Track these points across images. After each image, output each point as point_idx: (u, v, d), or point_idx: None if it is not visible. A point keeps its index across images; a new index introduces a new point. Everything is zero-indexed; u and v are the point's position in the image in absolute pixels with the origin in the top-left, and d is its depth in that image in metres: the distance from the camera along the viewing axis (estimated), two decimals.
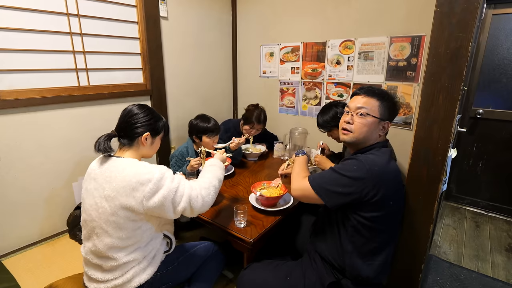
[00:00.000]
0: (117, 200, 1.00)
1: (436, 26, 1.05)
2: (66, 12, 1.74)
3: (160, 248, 1.18)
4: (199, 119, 1.86)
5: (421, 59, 1.87)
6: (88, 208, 1.07)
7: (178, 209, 1.08)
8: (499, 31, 2.31)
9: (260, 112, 2.22)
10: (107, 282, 1.08)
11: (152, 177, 1.01)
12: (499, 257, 1.97)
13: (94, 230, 1.06)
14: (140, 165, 1.05)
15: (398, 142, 2.03)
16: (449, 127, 1.08)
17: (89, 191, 1.08)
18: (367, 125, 1.09)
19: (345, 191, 1.01)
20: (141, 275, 1.10)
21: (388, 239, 1.09)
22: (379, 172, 0.99)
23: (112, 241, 1.03)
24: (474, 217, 2.50)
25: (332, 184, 1.03)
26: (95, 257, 1.08)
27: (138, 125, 1.12)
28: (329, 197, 1.03)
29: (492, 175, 2.52)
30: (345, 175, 1.01)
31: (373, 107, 1.09)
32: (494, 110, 2.43)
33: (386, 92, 1.14)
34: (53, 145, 1.81)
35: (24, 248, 1.78)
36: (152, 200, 1.01)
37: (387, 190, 1.00)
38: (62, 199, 1.91)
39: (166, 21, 2.24)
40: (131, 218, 1.03)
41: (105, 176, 1.04)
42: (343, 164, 1.08)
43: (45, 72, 1.73)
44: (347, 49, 2.19)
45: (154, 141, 1.20)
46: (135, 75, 2.16)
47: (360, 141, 1.12)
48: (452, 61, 1.03)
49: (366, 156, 1.05)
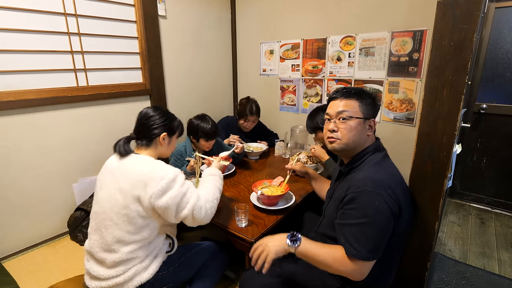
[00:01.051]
0: (130, 193, 1.05)
1: (440, 18, 1.02)
2: (64, 12, 1.72)
3: (162, 248, 1.20)
4: (199, 120, 1.83)
5: (424, 54, 1.84)
6: (101, 200, 1.12)
7: (180, 214, 1.11)
8: (502, 24, 2.27)
9: (252, 103, 2.23)
10: (109, 280, 1.08)
11: (165, 176, 1.06)
12: (505, 254, 1.94)
13: (104, 222, 1.09)
14: (157, 163, 1.12)
15: (401, 139, 2.01)
16: (454, 122, 1.05)
17: (104, 184, 1.14)
18: (354, 128, 1.03)
19: (389, 231, 0.93)
20: (142, 274, 1.11)
21: (399, 250, 1.06)
22: (393, 191, 0.92)
23: (121, 234, 1.07)
24: (479, 214, 2.47)
25: (379, 236, 0.91)
26: (100, 250, 1.10)
27: (155, 126, 1.20)
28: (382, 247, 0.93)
29: (496, 171, 2.48)
30: (379, 220, 0.90)
31: (354, 108, 1.05)
32: (498, 105, 2.40)
33: (363, 90, 1.11)
34: (52, 146, 1.80)
35: (24, 250, 1.77)
36: (160, 200, 1.04)
37: (404, 202, 0.95)
38: (62, 200, 1.89)
39: (164, 20, 2.22)
40: (141, 213, 1.07)
41: (122, 170, 1.11)
42: (359, 210, 0.92)
43: (43, 73, 1.71)
44: (347, 45, 2.17)
45: (171, 141, 1.28)
46: (134, 75, 2.14)
47: (350, 146, 1.05)
48: (456, 53, 1.00)
49: (365, 180, 0.94)
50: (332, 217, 1.03)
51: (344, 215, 0.96)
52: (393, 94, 2.02)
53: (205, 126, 1.79)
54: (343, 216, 0.96)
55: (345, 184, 1.03)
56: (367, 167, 1.01)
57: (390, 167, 1.04)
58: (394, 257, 1.06)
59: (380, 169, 0.99)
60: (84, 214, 1.82)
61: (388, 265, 1.06)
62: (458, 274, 1.72)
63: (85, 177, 1.98)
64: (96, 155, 2.01)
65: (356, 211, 0.92)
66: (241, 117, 2.26)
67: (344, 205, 0.96)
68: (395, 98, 2.02)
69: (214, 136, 1.83)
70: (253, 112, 2.22)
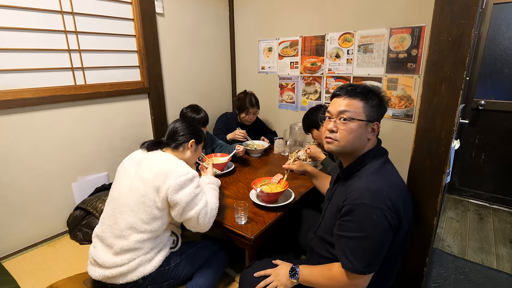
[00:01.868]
0: (151, 183, 1.13)
1: (438, 13, 1.02)
2: (60, 10, 1.71)
3: (167, 243, 1.24)
4: (190, 108, 1.93)
5: (422, 50, 1.84)
6: (121, 188, 1.20)
7: (187, 214, 1.16)
8: (500, 20, 2.27)
9: (251, 96, 2.28)
10: (113, 269, 1.11)
11: (186, 173, 1.16)
12: (503, 249, 1.95)
13: (120, 207, 1.16)
14: (180, 162, 1.24)
15: (400, 135, 2.02)
16: (452, 117, 1.05)
17: (127, 174, 1.22)
18: (354, 131, 0.96)
19: (387, 244, 0.90)
20: (146, 266, 1.14)
21: (400, 257, 1.05)
22: (392, 203, 0.88)
23: (134, 221, 1.13)
24: (478, 210, 2.48)
25: (376, 251, 0.88)
26: (111, 236, 1.15)
27: (185, 133, 1.34)
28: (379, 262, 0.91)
29: (495, 167, 2.49)
30: (376, 235, 0.87)
31: (357, 109, 0.96)
32: (496, 101, 2.40)
33: (370, 89, 1.01)
34: (51, 145, 1.79)
35: (24, 249, 1.77)
36: (176, 194, 1.12)
37: (404, 213, 0.91)
38: (62, 199, 1.89)
39: (162, 18, 2.21)
40: (157, 204, 1.14)
41: (147, 162, 1.20)
42: (356, 223, 0.89)
43: (41, 72, 1.71)
44: (346, 42, 2.16)
45: (197, 148, 1.40)
46: (132, 73, 2.14)
47: (347, 149, 0.99)
48: (454, 48, 1.00)
49: (362, 191, 0.90)
50: (331, 223, 1.01)
51: (342, 227, 0.93)
52: (392, 90, 2.02)
53: (195, 114, 1.89)
54: (340, 228, 0.94)
55: (344, 190, 0.99)
56: (366, 175, 0.95)
57: (390, 174, 0.98)
58: (396, 265, 1.05)
59: (379, 178, 0.94)
60: (83, 213, 1.82)
61: (389, 273, 1.05)
62: (456, 270, 1.73)
63: (85, 176, 1.98)
64: (96, 154, 2.01)
65: (353, 224, 0.90)
66: (242, 111, 2.28)
67: (342, 216, 0.93)
68: (393, 94, 2.02)
69: (206, 123, 1.93)
70: (253, 104, 2.25)
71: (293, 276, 1.03)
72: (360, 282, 0.92)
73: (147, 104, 2.23)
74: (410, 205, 1.01)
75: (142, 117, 2.23)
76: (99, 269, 1.14)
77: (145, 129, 2.27)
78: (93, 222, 1.78)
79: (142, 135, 2.24)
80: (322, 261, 1.06)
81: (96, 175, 2.03)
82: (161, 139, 1.35)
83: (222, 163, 1.83)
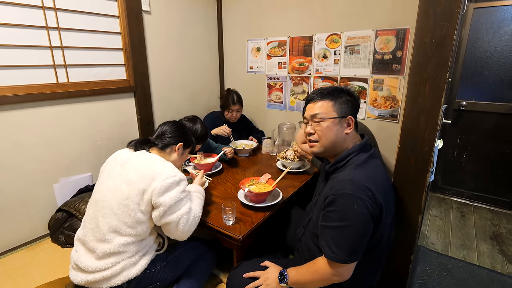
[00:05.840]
0: (136, 185, 1.09)
1: (422, 15, 1.05)
2: (42, 5, 1.65)
3: (152, 246, 1.21)
4: (191, 122, 1.77)
5: (406, 52, 1.88)
6: (104, 189, 1.14)
7: (166, 218, 1.11)
8: (480, 24, 2.36)
9: (233, 93, 2.31)
10: (96, 273, 1.07)
11: (173, 175, 1.12)
12: (484, 245, 2.02)
13: (103, 210, 1.11)
14: (168, 164, 1.19)
15: (385, 135, 2.05)
16: (435, 117, 1.08)
17: (110, 175, 1.17)
18: (329, 129, 1.03)
19: (369, 233, 0.93)
20: (130, 269, 1.11)
21: (385, 252, 1.06)
22: (373, 194, 0.91)
23: (117, 224, 1.08)
24: (460, 207, 2.56)
25: (357, 240, 0.91)
26: (93, 239, 1.11)
27: (173, 136, 1.31)
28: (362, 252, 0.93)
29: (476, 166, 2.58)
30: (357, 224, 0.90)
31: (327, 109, 1.04)
32: (476, 102, 2.49)
33: (337, 88, 1.09)
34: (31, 144, 1.72)
35: (1, 254, 1.69)
36: (161, 197, 1.08)
37: (385, 205, 0.94)
38: (43, 201, 1.82)
39: (149, 15, 2.17)
40: (141, 207, 1.10)
41: (133, 163, 1.15)
42: (338, 213, 0.92)
43: (21, 69, 1.64)
44: (333, 43, 2.19)
45: (184, 153, 1.37)
46: (118, 71, 2.09)
47: (329, 147, 1.06)
48: (437, 50, 1.03)
49: (344, 182, 0.93)
50: (318, 216, 1.04)
51: (325, 217, 0.97)
52: (378, 91, 2.06)
53: (196, 129, 1.74)
54: (324, 218, 0.97)
55: (330, 183, 1.03)
56: (349, 169, 1.00)
57: (373, 168, 1.01)
58: (381, 258, 1.07)
59: (361, 170, 0.98)
60: (65, 215, 1.76)
61: (374, 266, 1.07)
62: (440, 266, 1.78)
63: (67, 177, 1.91)
64: (79, 154, 1.95)
65: (335, 214, 0.93)
66: (225, 109, 2.32)
67: (325, 207, 0.96)
68: (379, 95, 2.05)
69: (204, 139, 1.83)
70: (235, 101, 2.27)
71: (282, 280, 1.04)
72: (343, 271, 0.94)
73: (133, 103, 2.19)
74: (392, 199, 1.06)
75: (127, 117, 2.18)
76: (81, 273, 1.10)
77: (130, 128, 2.22)
78: (76, 224, 1.72)
79: (127, 134, 2.19)
80: (311, 256, 1.07)
81: (79, 175, 1.97)
82: (149, 138, 1.31)
83: (209, 163, 1.82)
